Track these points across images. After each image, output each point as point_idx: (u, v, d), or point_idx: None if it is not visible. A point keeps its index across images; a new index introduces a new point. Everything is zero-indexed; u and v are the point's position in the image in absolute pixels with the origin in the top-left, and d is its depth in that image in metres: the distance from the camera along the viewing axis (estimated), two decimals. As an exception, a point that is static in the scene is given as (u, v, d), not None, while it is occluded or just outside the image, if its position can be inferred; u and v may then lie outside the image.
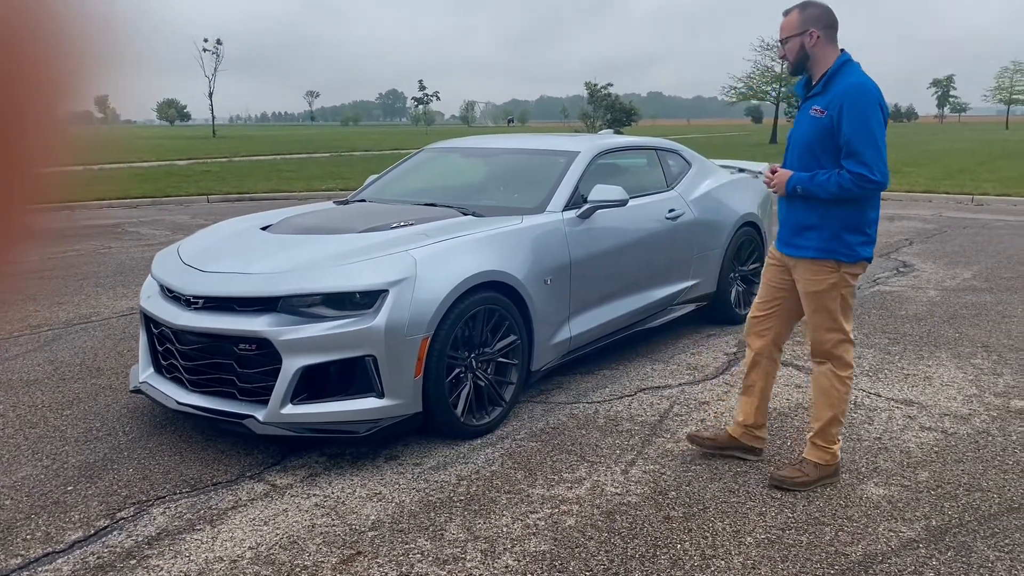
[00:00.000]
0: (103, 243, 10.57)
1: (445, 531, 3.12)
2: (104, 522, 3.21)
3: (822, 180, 3.28)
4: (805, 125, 3.39)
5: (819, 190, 3.28)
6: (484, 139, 6.26)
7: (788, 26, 3.39)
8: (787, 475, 3.47)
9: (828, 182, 3.26)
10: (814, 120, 3.33)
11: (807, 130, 3.37)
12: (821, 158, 3.32)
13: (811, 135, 3.34)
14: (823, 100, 3.32)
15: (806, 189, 3.32)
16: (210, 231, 4.85)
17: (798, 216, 3.42)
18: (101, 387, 4.82)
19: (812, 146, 3.34)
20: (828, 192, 3.26)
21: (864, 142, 3.19)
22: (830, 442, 3.49)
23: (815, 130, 3.32)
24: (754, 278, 6.45)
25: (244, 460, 3.79)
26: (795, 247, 3.45)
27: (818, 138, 3.31)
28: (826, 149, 3.31)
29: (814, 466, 3.47)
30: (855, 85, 3.25)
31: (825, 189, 3.27)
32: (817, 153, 3.33)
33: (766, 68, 44.37)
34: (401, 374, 3.68)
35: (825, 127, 3.28)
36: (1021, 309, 6.69)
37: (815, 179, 3.30)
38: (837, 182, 3.23)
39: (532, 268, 4.30)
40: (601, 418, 4.29)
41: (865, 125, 3.20)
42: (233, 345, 3.75)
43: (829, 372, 3.48)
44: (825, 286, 3.39)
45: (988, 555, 2.93)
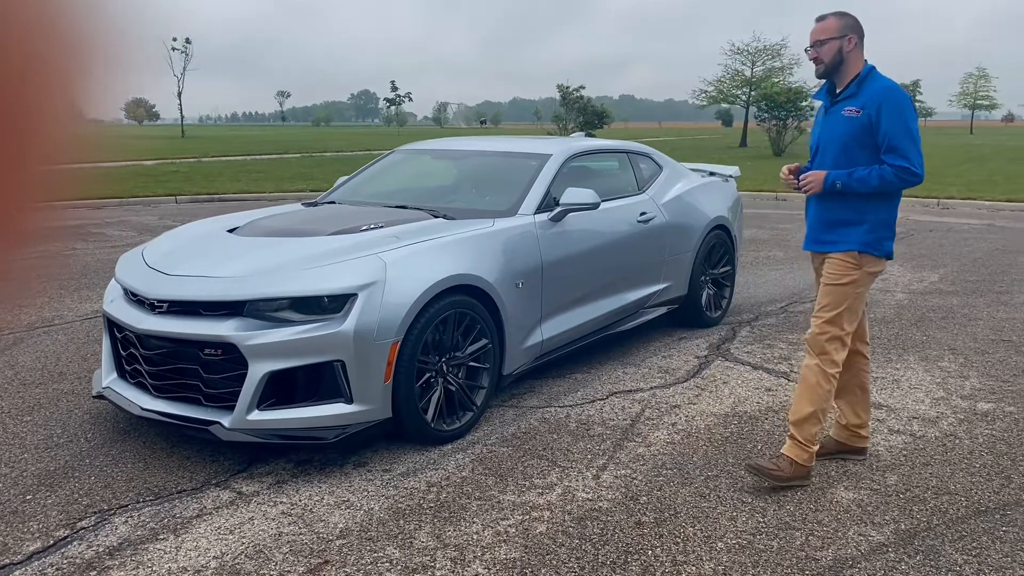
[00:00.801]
0: (67, 244, 10.38)
1: (414, 539, 3.08)
2: (64, 532, 3.13)
3: (862, 175, 3.39)
4: (840, 125, 3.48)
5: (860, 185, 3.39)
6: (456, 141, 6.22)
7: (826, 30, 3.49)
8: (763, 465, 3.52)
9: (869, 176, 3.38)
10: (850, 119, 3.44)
11: (843, 129, 3.47)
12: (858, 156, 3.44)
13: (847, 134, 3.45)
14: (857, 101, 3.44)
15: (846, 184, 3.42)
16: (175, 233, 4.76)
17: (832, 212, 3.51)
18: (63, 392, 4.72)
19: (849, 145, 3.45)
20: (869, 186, 3.38)
21: (904, 137, 3.34)
22: (809, 441, 3.53)
23: (852, 129, 3.43)
24: (725, 281, 6.47)
25: (209, 467, 3.72)
26: (825, 243, 3.56)
27: (855, 136, 3.42)
28: (863, 147, 3.43)
29: (790, 463, 3.51)
30: (891, 87, 3.43)
31: (866, 183, 3.38)
32: (854, 152, 3.44)
33: (736, 72, 44.72)
34: (370, 379, 3.63)
35: (863, 125, 3.40)
36: (987, 312, 6.78)
37: (854, 175, 3.40)
38: (879, 175, 3.36)
39: (504, 271, 4.27)
40: (573, 422, 4.27)
41: (903, 122, 3.36)
42: (198, 350, 3.68)
43: (817, 367, 3.54)
44: (847, 280, 3.49)
45: (956, 559, 2.94)
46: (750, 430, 4.17)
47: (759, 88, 40.98)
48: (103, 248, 10.06)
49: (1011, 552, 2.99)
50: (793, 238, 11.14)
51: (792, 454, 3.52)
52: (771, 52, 43.65)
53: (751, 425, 4.24)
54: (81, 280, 8.05)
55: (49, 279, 8.09)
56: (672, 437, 4.07)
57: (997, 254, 9.84)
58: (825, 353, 3.52)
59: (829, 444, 3.83)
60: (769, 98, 34.95)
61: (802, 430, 3.53)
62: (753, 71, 43.95)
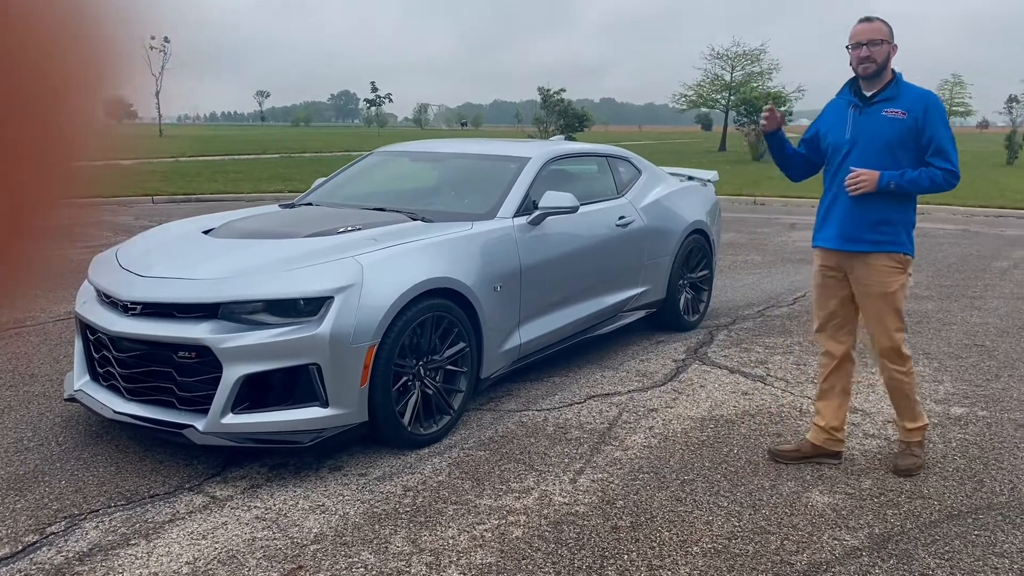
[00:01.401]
0: (40, 244, 10.25)
1: (390, 544, 3.06)
2: (33, 537, 3.08)
3: (913, 176, 3.49)
4: (882, 126, 3.55)
5: (911, 186, 3.50)
6: (435, 143, 6.21)
7: (879, 31, 3.56)
8: (907, 464, 3.73)
9: (920, 178, 3.49)
10: (894, 121, 3.53)
11: (886, 130, 3.54)
12: (901, 158, 3.53)
13: (893, 135, 3.53)
14: (899, 104, 3.54)
15: (899, 185, 3.49)
16: (150, 234, 4.72)
17: (877, 212, 3.56)
18: (34, 394, 4.65)
19: (894, 145, 3.53)
20: (920, 187, 3.50)
21: (949, 142, 3.50)
22: (920, 419, 3.80)
23: (898, 131, 3.53)
24: (702, 285, 6.50)
25: (183, 471, 3.67)
26: (869, 242, 3.59)
27: (900, 138, 3.52)
28: (907, 148, 3.53)
29: (920, 446, 3.80)
30: (932, 93, 3.60)
31: (918, 185, 3.49)
32: (897, 153, 3.53)
33: (716, 77, 44.96)
34: (346, 383, 3.60)
35: (909, 128, 3.51)
36: (960, 316, 6.85)
37: (906, 176, 3.49)
38: (929, 177, 3.48)
39: (482, 274, 4.26)
40: (550, 426, 4.26)
41: (947, 128, 3.54)
42: (172, 352, 3.64)
43: (898, 373, 3.71)
44: (896, 286, 3.61)
45: (929, 562, 2.97)
46: (727, 434, 4.19)
47: (738, 93, 41.24)
48: (77, 248, 9.94)
49: (983, 556, 3.02)
50: (770, 242, 11.21)
51: (917, 438, 3.79)
52: (750, 57, 43.90)
53: (728, 429, 4.26)
54: (54, 280, 7.95)
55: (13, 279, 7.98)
56: (649, 441, 4.07)
57: (971, 259, 9.95)
58: (902, 356, 3.69)
59: (806, 447, 3.86)
60: (748, 103, 35.21)
61: (913, 418, 3.77)
62: (733, 76, 44.20)
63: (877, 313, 3.65)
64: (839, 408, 3.86)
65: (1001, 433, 4.24)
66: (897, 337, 3.66)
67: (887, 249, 3.57)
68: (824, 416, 3.85)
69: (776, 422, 4.36)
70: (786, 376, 5.18)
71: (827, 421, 3.84)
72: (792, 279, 8.53)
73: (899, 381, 3.72)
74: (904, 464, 3.75)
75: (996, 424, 4.37)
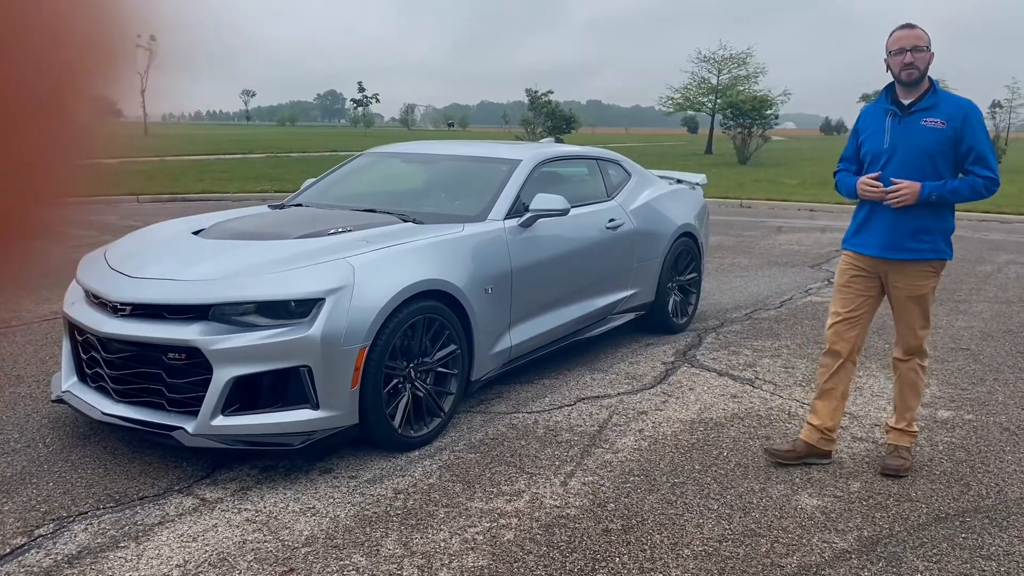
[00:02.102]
0: (25, 243, 10.16)
1: (381, 546, 3.05)
2: (21, 540, 3.05)
3: (955, 186, 3.54)
4: (922, 135, 3.56)
5: (953, 196, 3.55)
6: (426, 145, 6.20)
7: (922, 38, 3.58)
8: (896, 465, 3.79)
9: (962, 187, 3.54)
10: (934, 131, 3.55)
11: (926, 140, 3.55)
12: (941, 167, 3.56)
13: (932, 144, 3.55)
14: (939, 113, 3.55)
15: (941, 196, 3.54)
16: (139, 235, 4.69)
17: (917, 220, 3.60)
18: (20, 396, 4.62)
19: (934, 155, 3.56)
20: (962, 196, 3.55)
21: (988, 150, 3.54)
22: (912, 423, 3.87)
23: (938, 140, 3.54)
24: (691, 288, 6.52)
25: (172, 473, 3.65)
26: (909, 250, 3.64)
27: (941, 148, 3.54)
28: (947, 158, 3.57)
29: (908, 450, 3.85)
30: (969, 103, 3.59)
31: (959, 194, 3.54)
32: (938, 162, 3.56)
33: (702, 80, 45.13)
34: (337, 385, 3.59)
35: (949, 137, 3.53)
36: (946, 320, 6.91)
37: (947, 186, 3.53)
38: (971, 186, 3.53)
39: (473, 277, 4.26)
40: (540, 428, 4.27)
41: (987, 137, 3.57)
42: (162, 354, 3.62)
43: (916, 366, 3.82)
44: (928, 289, 3.71)
45: (917, 565, 2.99)
46: (716, 436, 4.20)
47: (725, 96, 41.39)
48: (63, 248, 9.86)
49: (970, 558, 3.04)
50: (757, 245, 11.27)
51: (907, 442, 3.85)
52: (737, 60, 44.10)
53: (717, 432, 4.27)
54: (40, 280, 7.88)
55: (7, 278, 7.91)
56: (639, 443, 4.09)
57: (956, 263, 10.02)
58: (923, 352, 3.82)
59: (800, 447, 3.88)
60: (735, 106, 35.34)
61: (910, 424, 3.85)
62: (719, 79, 44.38)
63: (908, 314, 3.76)
64: (836, 410, 3.89)
65: (987, 436, 4.28)
66: (923, 334, 3.79)
67: (927, 256, 3.65)
68: (820, 416, 3.87)
69: (765, 425, 4.39)
70: (774, 379, 5.21)
71: (822, 421, 3.86)
72: (779, 282, 8.58)
73: (917, 375, 3.82)
74: (893, 464, 3.79)
75: (982, 428, 4.41)
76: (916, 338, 3.79)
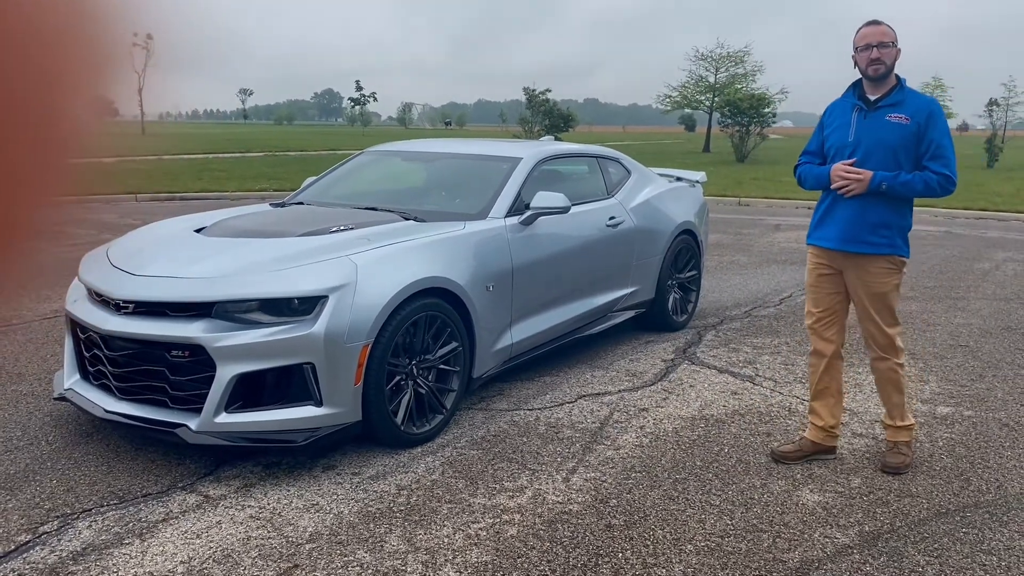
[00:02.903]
0: (19, 243, 10.16)
1: (385, 542, 3.06)
2: (25, 537, 3.06)
3: (908, 179, 3.55)
4: (886, 130, 3.61)
5: (904, 189, 3.56)
6: (426, 143, 6.21)
7: (887, 34, 3.62)
8: (896, 462, 3.80)
9: (915, 180, 3.55)
10: (898, 126, 3.60)
11: (890, 135, 3.60)
12: (904, 162, 3.60)
13: (896, 140, 3.59)
14: (904, 110, 3.60)
15: (891, 187, 3.56)
16: (141, 233, 4.69)
17: (876, 214, 3.62)
18: (22, 394, 4.62)
19: (896, 150, 3.59)
20: (914, 191, 3.56)
21: (948, 149, 3.56)
22: (907, 418, 3.86)
23: (901, 135, 3.59)
24: (691, 285, 6.54)
25: (176, 470, 3.66)
26: (869, 244, 3.66)
27: (904, 143, 3.59)
28: (909, 154, 3.60)
29: (907, 445, 3.85)
30: (933, 100, 3.66)
31: (911, 187, 3.55)
32: (901, 157, 3.60)
33: (700, 78, 45.14)
34: (340, 382, 3.61)
35: (912, 133, 3.58)
36: (944, 317, 6.93)
37: (899, 178, 3.56)
38: (923, 181, 3.54)
39: (474, 274, 4.27)
40: (542, 425, 4.28)
41: (948, 134, 3.59)
42: (165, 351, 3.63)
43: (894, 364, 3.81)
44: (890, 286, 3.72)
45: (918, 560, 3.01)
46: (717, 433, 4.22)
47: (722, 94, 41.40)
48: (62, 246, 9.87)
49: (971, 553, 3.06)
50: (756, 243, 11.29)
51: (906, 438, 3.85)
52: (734, 59, 44.12)
53: (718, 428, 4.29)
54: (40, 279, 7.89)
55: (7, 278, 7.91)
56: (640, 440, 4.10)
57: (954, 261, 10.06)
58: (898, 350, 3.80)
59: (806, 446, 3.91)
60: (732, 104, 35.35)
61: (902, 416, 3.84)
62: (717, 77, 44.40)
63: (871, 311, 3.74)
64: (835, 406, 3.93)
65: (987, 432, 4.30)
66: (891, 331, 3.76)
67: (884, 252, 3.65)
68: (821, 416, 3.92)
69: (766, 421, 4.40)
70: (774, 376, 5.23)
71: (824, 421, 3.90)
72: (778, 279, 8.60)
73: (895, 373, 3.81)
74: (893, 462, 3.80)
75: (982, 423, 4.43)
76: (885, 336, 3.76)
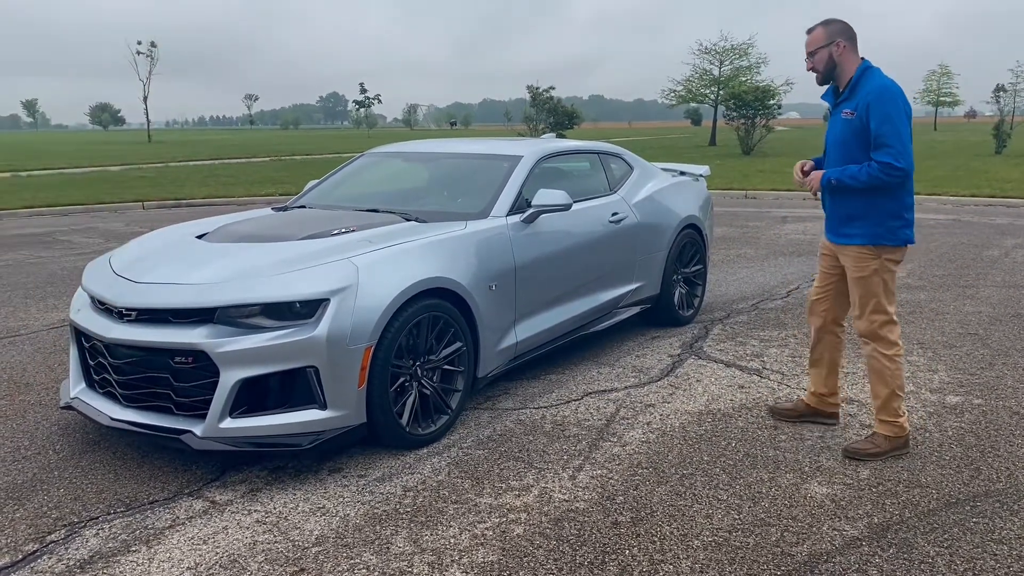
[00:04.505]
0: (32, 252, 10.22)
1: (391, 544, 3.06)
2: (33, 546, 3.07)
3: (853, 171, 3.64)
4: (838, 127, 3.76)
5: (851, 181, 3.65)
6: (426, 144, 6.20)
7: (815, 40, 3.76)
8: (860, 447, 3.80)
9: (859, 173, 3.63)
10: (846, 122, 3.70)
11: (842, 131, 3.73)
12: (857, 156, 3.69)
13: (847, 135, 3.70)
14: (852, 103, 3.69)
15: (840, 181, 3.68)
16: (143, 240, 4.70)
17: (845, 208, 3.77)
18: (30, 403, 4.64)
19: (848, 145, 3.70)
20: (860, 182, 3.63)
21: (889, 135, 3.56)
22: (895, 415, 3.82)
23: (851, 130, 3.69)
24: (696, 280, 6.51)
25: (181, 477, 3.67)
26: (843, 235, 3.81)
27: (854, 138, 3.68)
28: (861, 147, 3.68)
29: (884, 439, 3.81)
30: (878, 87, 3.62)
31: (856, 179, 3.63)
32: (853, 152, 3.70)
33: (704, 71, 45.03)
34: (344, 385, 3.60)
35: (856, 127, 3.66)
36: (953, 306, 6.88)
37: (846, 172, 3.67)
38: (867, 172, 3.60)
39: (477, 274, 4.26)
40: (548, 423, 4.27)
41: (889, 120, 3.56)
42: (168, 358, 3.63)
43: (877, 352, 3.82)
44: (868, 272, 3.76)
45: (928, 551, 2.98)
46: (724, 428, 4.20)
47: (727, 87, 41.30)
48: (69, 256, 9.92)
49: (981, 543, 3.03)
50: (763, 236, 11.24)
51: (884, 430, 3.82)
52: (739, 51, 44.00)
53: (725, 423, 4.27)
54: (47, 288, 7.93)
55: (14, 288, 7.95)
56: (647, 436, 4.08)
57: (962, 248, 10.00)
58: (881, 339, 3.80)
59: (800, 407, 4.22)
60: (737, 97, 35.26)
61: (887, 409, 3.82)
62: (721, 70, 44.28)
63: (854, 295, 3.85)
64: (827, 376, 4.13)
65: (997, 421, 4.27)
66: (875, 319, 3.79)
67: (855, 242, 3.76)
68: (813, 383, 4.18)
69: (773, 415, 4.37)
70: (782, 369, 5.20)
71: (815, 387, 4.17)
72: (785, 272, 8.56)
73: (879, 362, 3.81)
74: (856, 446, 3.82)
75: (991, 412, 4.40)
76: (862, 321, 3.81)
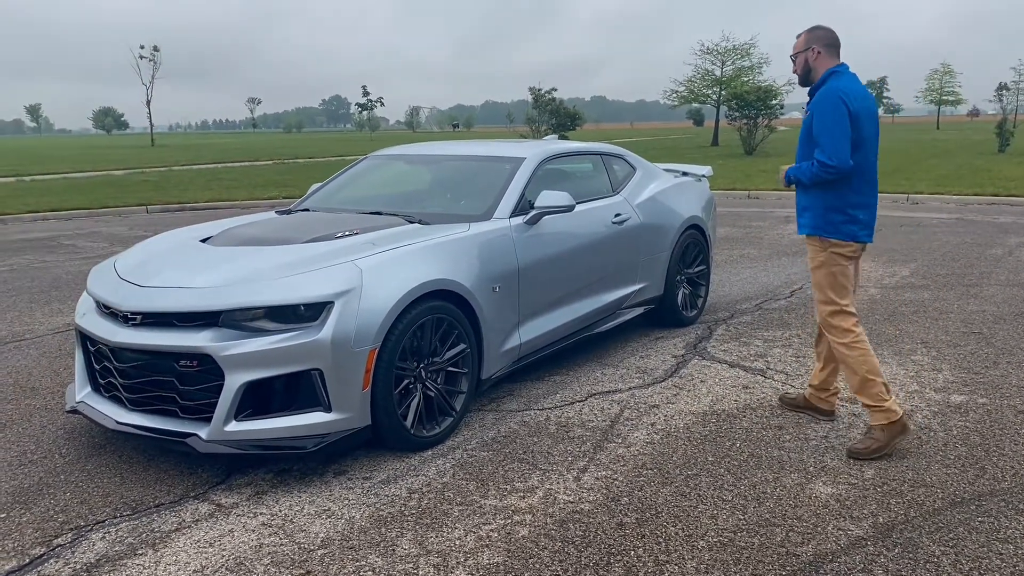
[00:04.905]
0: (37, 257, 10.25)
1: (397, 546, 3.06)
2: (40, 550, 3.08)
3: (804, 168, 3.92)
4: (803, 127, 4.03)
5: (802, 176, 3.93)
6: (429, 146, 6.21)
7: (797, 45, 4.04)
8: (861, 446, 3.82)
9: (806, 169, 3.90)
10: (804, 121, 4.01)
11: (802, 131, 4.02)
12: (809, 153, 3.94)
13: (802, 134, 4.00)
14: (810, 105, 3.96)
15: (795, 176, 3.99)
16: (147, 244, 4.71)
17: (800, 200, 4.07)
18: (36, 408, 4.65)
19: (805, 143, 3.98)
20: (807, 177, 3.89)
21: (822, 134, 3.79)
22: (878, 400, 3.86)
23: (804, 130, 3.99)
24: (700, 280, 6.51)
25: (187, 480, 3.68)
26: (800, 225, 4.07)
27: (806, 136, 3.96)
28: (811, 145, 3.93)
29: (880, 429, 3.83)
30: (824, 90, 3.87)
31: (803, 175, 3.92)
32: (807, 149, 3.97)
33: (706, 72, 45.02)
34: (348, 387, 3.61)
35: (807, 127, 3.94)
36: (957, 305, 6.88)
37: (800, 168, 3.95)
38: (809, 169, 3.87)
39: (480, 276, 4.27)
40: (552, 425, 4.27)
41: (823, 120, 3.80)
42: (174, 362, 3.64)
43: (834, 341, 4.00)
44: (817, 263, 3.99)
45: (934, 550, 2.98)
46: (728, 428, 4.20)
47: (729, 87, 41.28)
48: (74, 260, 9.94)
49: (987, 542, 3.03)
50: (766, 236, 11.24)
51: (876, 421, 3.85)
52: (740, 51, 44.00)
53: (729, 423, 4.27)
54: (52, 293, 7.95)
55: (19, 292, 7.97)
56: (651, 437, 4.09)
57: (966, 247, 9.99)
58: (832, 327, 3.99)
59: (800, 400, 4.41)
60: (739, 97, 35.25)
61: (866, 395, 3.89)
62: (723, 70, 44.27)
63: (813, 285, 4.08)
64: (822, 371, 4.28)
65: (1001, 420, 4.26)
66: (824, 310, 4.00)
67: (806, 232, 4.01)
68: (813, 377, 4.35)
69: (777, 415, 4.38)
70: (786, 369, 5.20)
71: (812, 381, 4.35)
72: (788, 272, 8.55)
73: (838, 351, 3.97)
74: (857, 447, 3.84)
75: (996, 411, 4.39)
76: (819, 312, 4.05)
